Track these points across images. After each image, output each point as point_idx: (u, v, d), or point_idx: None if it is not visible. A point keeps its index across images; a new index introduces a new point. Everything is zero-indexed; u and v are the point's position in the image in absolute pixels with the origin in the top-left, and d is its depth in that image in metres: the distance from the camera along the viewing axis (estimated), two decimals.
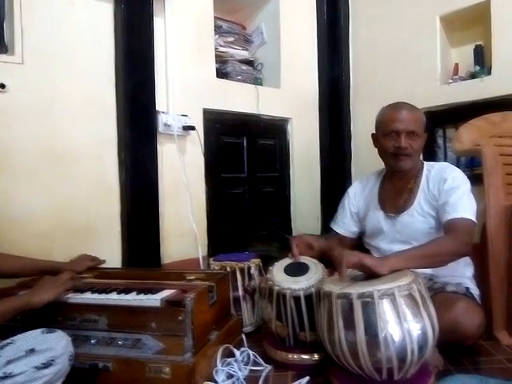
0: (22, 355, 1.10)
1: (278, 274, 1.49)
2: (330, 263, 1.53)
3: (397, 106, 1.60)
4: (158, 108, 2.11)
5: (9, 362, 1.08)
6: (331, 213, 1.93)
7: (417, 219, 1.57)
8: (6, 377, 1.05)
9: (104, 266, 1.76)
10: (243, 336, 1.57)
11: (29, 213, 1.73)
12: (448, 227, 1.46)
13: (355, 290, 1.18)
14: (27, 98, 1.74)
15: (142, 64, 2.04)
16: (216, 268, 1.78)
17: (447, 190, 1.51)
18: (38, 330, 1.19)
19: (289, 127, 2.86)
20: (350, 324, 1.18)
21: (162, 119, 2.12)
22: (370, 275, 1.26)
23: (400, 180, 1.65)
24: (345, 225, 1.80)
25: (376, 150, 1.67)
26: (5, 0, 1.69)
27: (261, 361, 1.45)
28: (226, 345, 1.41)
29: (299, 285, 1.42)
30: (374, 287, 1.16)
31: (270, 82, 2.82)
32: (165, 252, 2.16)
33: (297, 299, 1.41)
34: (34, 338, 1.15)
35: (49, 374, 1.11)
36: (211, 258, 1.88)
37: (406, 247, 1.47)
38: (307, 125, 2.94)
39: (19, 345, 1.13)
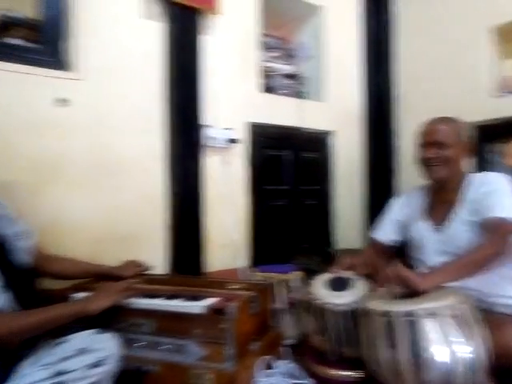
0: (75, 354, 1.17)
1: (319, 288, 1.49)
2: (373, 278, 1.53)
3: (431, 120, 1.63)
4: (203, 122, 2.18)
5: (63, 360, 1.15)
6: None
7: (460, 229, 1.54)
8: (60, 373, 1.12)
9: (149, 272, 1.82)
10: (284, 348, 1.57)
11: (81, 220, 1.84)
12: (484, 227, 1.44)
13: (398, 307, 1.16)
14: (85, 112, 1.85)
15: (189, 79, 2.12)
16: (258, 279, 1.80)
17: (486, 192, 1.49)
18: (90, 331, 1.25)
19: (331, 140, 2.87)
20: (391, 343, 1.16)
21: (207, 133, 2.19)
22: (413, 293, 1.24)
23: (442, 191, 1.63)
24: (384, 232, 1.79)
25: None
26: (69, 22, 1.82)
27: (302, 374, 1.44)
28: (267, 356, 1.41)
29: (341, 300, 1.41)
30: (419, 306, 1.14)
31: (313, 95, 2.84)
32: (207, 261, 2.20)
33: (338, 314, 1.40)
34: (86, 337, 1.22)
35: (99, 374, 1.17)
36: (253, 269, 1.91)
37: (452, 258, 1.43)
38: (350, 138, 2.93)
39: (72, 344, 1.20)
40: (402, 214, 1.78)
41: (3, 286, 1.18)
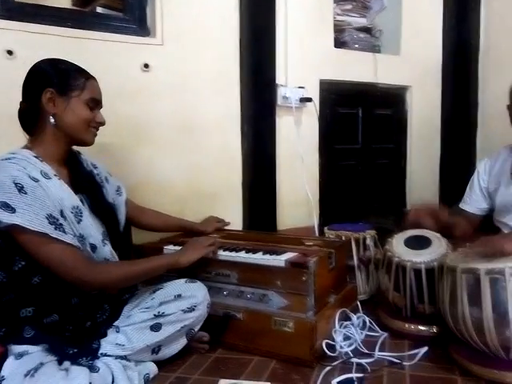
0: (172, 299, 1.31)
1: (397, 246, 1.51)
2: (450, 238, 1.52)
3: None
4: (277, 81, 2.19)
5: (161, 304, 1.30)
6: (451, 188, 1.87)
7: None
8: (160, 315, 1.27)
9: (227, 227, 1.94)
10: (358, 303, 1.62)
11: (167, 178, 1.97)
12: None
13: (483, 265, 1.15)
14: (165, 76, 1.93)
15: (265, 39, 2.12)
16: (331, 237, 1.84)
17: None
18: (182, 280, 1.38)
19: (408, 96, 2.74)
20: (475, 300, 1.16)
21: (280, 92, 2.20)
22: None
23: None
24: (473, 201, 1.76)
25: (508, 120, 1.56)
26: None
27: (376, 327, 1.50)
28: (343, 309, 1.48)
29: (420, 258, 1.42)
30: (506, 264, 1.12)
31: (388, 49, 2.70)
32: (280, 219, 2.28)
33: (417, 272, 1.42)
34: (179, 285, 1.35)
35: (192, 317, 1.31)
36: (326, 227, 1.95)
37: None
38: (428, 93, 2.78)
39: (168, 290, 1.34)
40: (489, 180, 1.72)
41: (103, 239, 1.32)
